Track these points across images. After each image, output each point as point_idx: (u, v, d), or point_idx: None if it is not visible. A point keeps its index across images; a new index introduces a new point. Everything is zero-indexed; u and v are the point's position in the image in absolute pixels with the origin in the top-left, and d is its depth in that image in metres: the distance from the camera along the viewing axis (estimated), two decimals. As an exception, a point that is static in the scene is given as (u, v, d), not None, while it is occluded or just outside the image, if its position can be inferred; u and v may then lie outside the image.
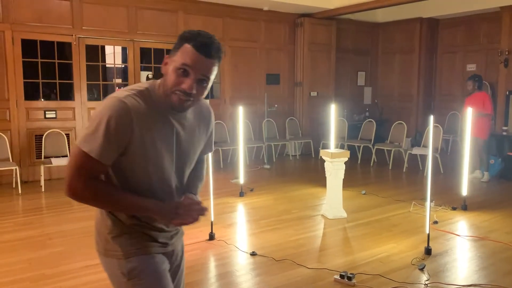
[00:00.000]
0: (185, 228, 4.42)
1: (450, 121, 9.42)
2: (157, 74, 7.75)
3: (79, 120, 7.10)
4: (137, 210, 1.54)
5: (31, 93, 7.00)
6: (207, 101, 1.30)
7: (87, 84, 7.17)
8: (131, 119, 1.41)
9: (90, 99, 7.41)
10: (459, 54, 9.68)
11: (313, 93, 9.41)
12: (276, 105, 9.20)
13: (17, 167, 6.12)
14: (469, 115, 5.12)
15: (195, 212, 1.57)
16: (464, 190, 5.21)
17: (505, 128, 7.80)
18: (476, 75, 7.05)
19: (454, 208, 5.25)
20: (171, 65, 1.47)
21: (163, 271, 1.61)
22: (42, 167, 6.30)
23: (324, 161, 5.07)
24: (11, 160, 6.27)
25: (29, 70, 6.69)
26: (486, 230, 4.54)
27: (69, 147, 6.78)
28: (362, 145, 8.58)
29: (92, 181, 1.44)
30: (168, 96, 1.48)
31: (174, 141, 1.55)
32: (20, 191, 6.02)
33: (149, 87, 1.51)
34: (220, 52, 1.54)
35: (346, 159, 4.94)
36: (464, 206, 5.24)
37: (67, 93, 7.30)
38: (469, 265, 3.69)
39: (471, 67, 9.48)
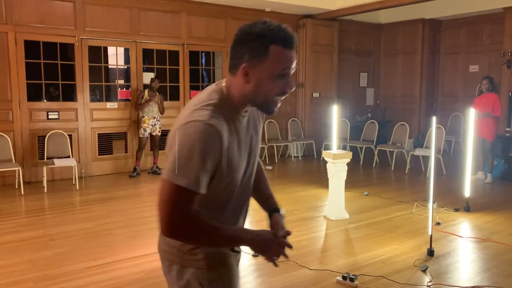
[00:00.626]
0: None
1: (453, 122, 9.40)
2: (160, 75, 7.77)
3: (82, 121, 7.12)
4: (237, 243, 1.49)
5: (34, 94, 7.03)
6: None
7: (90, 85, 7.19)
8: (221, 142, 1.30)
9: (92, 100, 7.43)
10: (461, 55, 9.66)
11: (316, 94, 9.41)
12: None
13: (19, 168, 6.13)
14: (472, 115, 5.10)
15: (283, 249, 1.52)
16: (467, 192, 5.20)
17: (508, 129, 7.78)
18: (490, 76, 7.12)
19: (456, 210, 5.24)
20: (262, 74, 1.33)
21: (239, 284, 1.59)
22: (44, 168, 6.32)
23: (326, 162, 5.07)
24: (14, 161, 6.29)
25: (32, 71, 6.71)
26: (488, 231, 4.53)
27: (71, 148, 6.80)
28: (364, 146, 8.57)
29: (193, 217, 1.31)
30: (267, 103, 1.39)
31: (249, 148, 1.48)
32: (22, 192, 6.04)
33: (220, 98, 1.38)
34: None
35: (349, 160, 4.94)
36: (467, 207, 5.22)
37: (69, 94, 7.32)
38: (472, 267, 3.68)
39: (473, 68, 9.46)
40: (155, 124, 7.24)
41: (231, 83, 1.40)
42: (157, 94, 7.21)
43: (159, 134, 7.33)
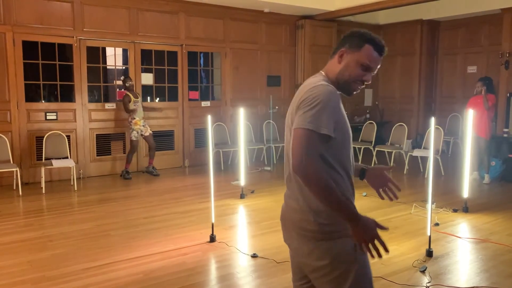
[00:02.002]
0: (185, 230, 4.39)
1: (451, 123, 9.41)
2: (158, 76, 7.75)
3: (80, 121, 7.10)
4: (345, 211, 1.59)
5: (32, 95, 7.01)
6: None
7: (88, 85, 7.18)
8: (339, 102, 1.66)
9: (90, 100, 7.42)
10: (460, 56, 9.68)
11: (314, 95, 9.39)
12: (277, 107, 9.19)
13: (17, 169, 6.12)
14: (470, 116, 5.11)
15: (378, 238, 1.63)
16: (465, 192, 5.21)
17: (506, 130, 7.79)
18: (487, 77, 7.15)
19: (455, 210, 5.24)
20: (352, 58, 1.72)
21: None
22: (42, 169, 6.31)
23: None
24: (11, 162, 6.28)
25: (30, 72, 6.69)
26: (487, 232, 4.53)
27: (69, 149, 6.79)
28: (363, 147, 8.57)
29: (320, 161, 1.57)
30: (348, 83, 1.75)
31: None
32: (20, 193, 6.02)
33: (324, 79, 1.74)
34: None
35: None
36: (465, 208, 5.23)
37: (68, 95, 7.31)
38: (471, 267, 3.68)
39: (472, 69, 9.48)
40: (145, 125, 7.18)
41: (328, 66, 1.81)
42: (137, 93, 7.22)
43: (151, 132, 7.27)
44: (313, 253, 1.66)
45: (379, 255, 1.62)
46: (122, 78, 7.25)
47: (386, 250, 1.62)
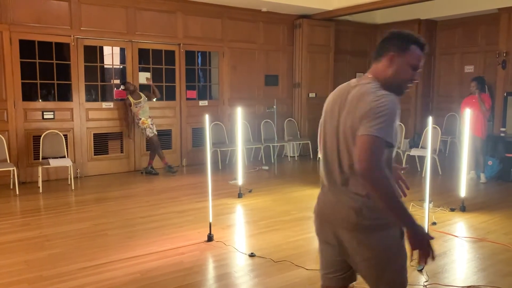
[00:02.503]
0: (183, 230, 4.40)
1: (448, 122, 9.43)
2: (155, 75, 7.74)
3: (77, 121, 7.08)
4: (405, 218, 1.71)
5: (29, 94, 6.99)
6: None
7: (85, 85, 7.16)
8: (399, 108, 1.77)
9: (88, 100, 7.40)
10: (457, 55, 9.70)
11: (312, 94, 9.41)
12: (274, 106, 9.19)
13: (14, 168, 6.09)
14: (468, 115, 5.12)
15: (431, 250, 1.75)
16: (463, 191, 5.22)
17: (503, 129, 7.81)
18: (480, 77, 7.16)
19: (452, 209, 5.25)
20: (402, 61, 1.83)
21: None
22: (40, 168, 6.28)
23: (322, 162, 5.06)
24: (8, 161, 6.26)
25: (27, 71, 6.67)
26: (484, 231, 4.54)
27: (67, 148, 6.77)
28: (360, 146, 8.57)
29: (384, 167, 1.66)
30: (400, 85, 1.86)
31: None
32: (17, 192, 6.00)
33: (377, 84, 1.84)
34: None
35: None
36: (463, 207, 5.24)
37: (65, 94, 7.28)
38: (468, 267, 3.69)
39: (469, 69, 9.50)
40: (152, 123, 7.23)
41: (377, 70, 1.89)
42: (140, 93, 7.20)
43: (156, 133, 7.31)
44: (363, 244, 1.81)
45: (426, 262, 1.78)
46: (122, 87, 7.32)
47: (433, 258, 1.75)
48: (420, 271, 3.49)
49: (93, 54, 7.26)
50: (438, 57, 10.09)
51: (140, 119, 7.09)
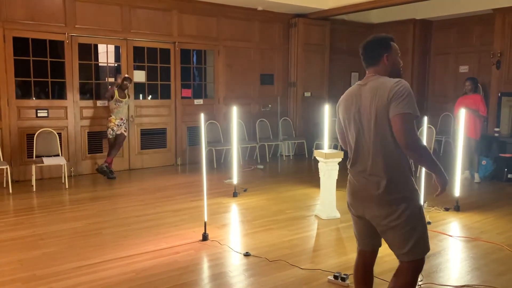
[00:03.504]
0: (177, 229, 4.39)
1: (443, 122, 9.47)
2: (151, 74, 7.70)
3: (71, 119, 7.04)
4: (436, 168, 2.24)
5: (22, 92, 6.94)
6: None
7: (80, 83, 7.12)
8: None
9: (82, 98, 7.36)
10: (452, 55, 9.73)
11: (307, 94, 9.42)
12: (270, 105, 9.19)
13: (8, 167, 6.05)
14: (462, 115, 5.14)
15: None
16: (457, 191, 5.24)
17: (497, 129, 7.85)
18: (473, 77, 7.18)
19: (446, 209, 5.28)
20: (393, 56, 2.40)
21: None
22: (33, 167, 6.24)
23: (317, 161, 5.07)
24: (2, 159, 6.21)
25: (20, 69, 6.62)
26: (478, 231, 4.57)
27: (61, 146, 6.73)
28: (355, 146, 8.59)
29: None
30: (399, 71, 2.40)
31: None
32: (11, 191, 5.96)
33: (386, 77, 2.32)
34: None
35: (340, 159, 4.94)
36: (457, 207, 5.26)
37: (59, 92, 7.24)
38: (462, 266, 3.70)
39: (463, 69, 9.54)
40: (121, 125, 6.99)
41: (377, 71, 2.37)
42: (128, 94, 7.08)
43: (125, 133, 7.04)
44: (390, 215, 2.23)
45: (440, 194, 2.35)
46: (126, 75, 7.15)
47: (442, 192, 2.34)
48: (415, 270, 3.50)
49: (88, 52, 7.22)
50: (433, 57, 10.13)
51: (111, 116, 6.94)
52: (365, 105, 2.26)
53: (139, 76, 7.70)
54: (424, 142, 4.23)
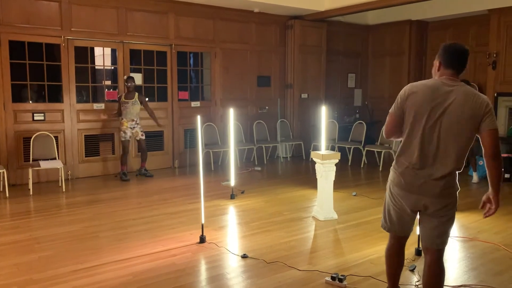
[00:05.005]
0: (175, 231, 4.40)
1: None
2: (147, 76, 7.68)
3: (68, 122, 7.03)
4: (500, 180, 2.46)
5: (19, 95, 6.92)
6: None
7: (76, 86, 7.10)
8: None
9: (79, 101, 7.34)
10: (448, 56, 9.74)
11: (304, 95, 9.43)
12: (267, 107, 9.20)
13: (4, 170, 6.03)
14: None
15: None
16: (454, 191, 5.24)
17: (493, 129, 7.86)
18: (465, 80, 7.13)
19: (444, 209, 5.28)
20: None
21: None
22: (30, 170, 6.22)
23: (315, 163, 5.07)
24: (-2, 163, 6.19)
25: (17, 72, 6.60)
26: (475, 230, 4.58)
27: (57, 150, 6.71)
28: (352, 147, 8.61)
29: None
30: None
31: None
32: (7, 195, 5.94)
33: None
34: None
35: (337, 161, 4.95)
36: (454, 207, 5.26)
37: (55, 95, 7.22)
38: (459, 266, 3.70)
39: (460, 69, 9.56)
40: (134, 127, 7.04)
41: (457, 77, 2.50)
42: (136, 94, 7.12)
43: (143, 138, 7.17)
44: (448, 205, 2.51)
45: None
46: (125, 77, 7.21)
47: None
48: (412, 271, 3.50)
49: (84, 55, 7.21)
50: (430, 57, 10.14)
51: (122, 119, 7.01)
52: (454, 108, 2.38)
53: (136, 78, 7.68)
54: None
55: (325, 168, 4.91)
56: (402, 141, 2.56)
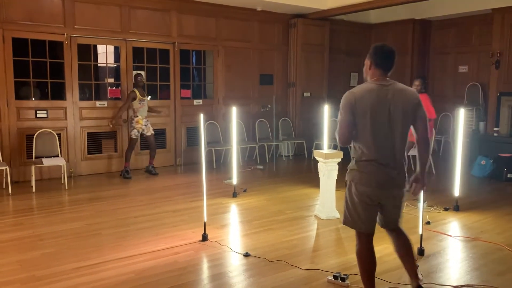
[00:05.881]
0: (177, 229, 4.41)
1: (442, 122, 9.47)
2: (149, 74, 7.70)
3: (71, 119, 7.04)
4: (427, 160, 2.83)
5: (22, 93, 6.93)
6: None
7: (79, 83, 7.11)
8: None
9: (82, 98, 7.36)
10: (451, 55, 9.74)
11: (306, 94, 9.42)
12: (269, 106, 9.19)
13: (7, 167, 6.04)
14: (462, 115, 5.13)
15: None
16: (456, 191, 5.24)
17: (496, 129, 7.85)
18: (423, 76, 6.73)
19: (446, 209, 5.28)
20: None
21: None
22: (33, 167, 6.24)
23: (317, 161, 5.07)
24: (1, 160, 6.21)
25: (20, 70, 6.62)
26: (478, 230, 4.57)
27: (60, 147, 6.72)
28: (355, 146, 8.58)
29: None
30: None
31: None
32: (10, 192, 5.96)
33: None
34: None
35: (340, 159, 4.94)
36: (456, 207, 5.26)
37: (58, 93, 7.23)
38: (462, 266, 3.70)
39: (463, 69, 9.55)
40: (147, 124, 7.15)
41: (389, 75, 2.76)
42: (144, 91, 7.16)
43: (153, 133, 7.25)
44: (403, 194, 2.80)
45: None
46: (135, 73, 7.22)
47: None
48: (414, 270, 3.50)
49: (87, 52, 7.22)
50: (432, 57, 10.13)
51: (137, 116, 7.02)
52: (396, 104, 2.63)
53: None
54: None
55: (328, 166, 4.90)
56: (360, 143, 2.69)
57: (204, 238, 4.18)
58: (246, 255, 3.84)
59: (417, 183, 2.78)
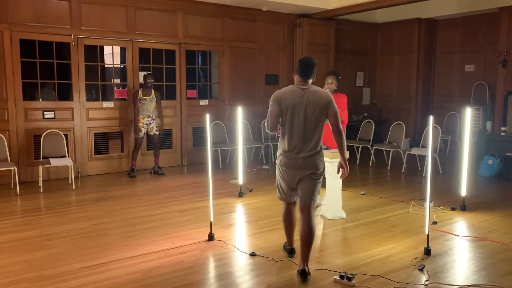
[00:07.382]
0: (183, 229, 4.44)
1: (449, 121, 9.43)
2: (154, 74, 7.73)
3: (78, 120, 7.09)
4: (344, 146, 3.39)
5: (29, 94, 6.99)
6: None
7: (86, 84, 7.16)
8: None
9: (88, 99, 7.40)
10: (457, 54, 9.69)
11: (312, 94, 9.39)
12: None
13: (15, 168, 6.09)
14: (468, 114, 5.10)
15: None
16: (463, 191, 5.22)
17: (503, 128, 7.80)
18: (335, 72, 5.61)
19: (453, 209, 5.25)
20: (315, 76, 3.52)
21: None
22: (40, 168, 6.28)
23: (323, 161, 5.06)
24: (9, 161, 6.26)
25: (27, 71, 6.67)
26: (485, 230, 4.55)
27: (67, 147, 6.77)
28: (361, 146, 8.58)
29: None
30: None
31: None
32: (18, 192, 6.01)
33: None
34: None
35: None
36: (463, 206, 5.24)
37: (65, 94, 7.28)
38: (469, 266, 3.69)
39: (469, 68, 9.50)
40: (150, 123, 7.16)
41: (310, 81, 3.42)
42: (153, 91, 7.17)
43: (157, 133, 7.27)
44: (314, 174, 3.36)
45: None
46: (145, 73, 7.29)
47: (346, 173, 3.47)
48: (421, 270, 3.49)
49: (94, 53, 7.26)
50: (439, 56, 10.09)
51: (139, 115, 7.08)
52: (311, 104, 3.27)
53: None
54: (430, 142, 4.25)
55: (334, 166, 4.87)
56: (281, 135, 3.38)
57: (211, 237, 4.19)
58: (252, 254, 3.84)
59: (342, 168, 3.40)
